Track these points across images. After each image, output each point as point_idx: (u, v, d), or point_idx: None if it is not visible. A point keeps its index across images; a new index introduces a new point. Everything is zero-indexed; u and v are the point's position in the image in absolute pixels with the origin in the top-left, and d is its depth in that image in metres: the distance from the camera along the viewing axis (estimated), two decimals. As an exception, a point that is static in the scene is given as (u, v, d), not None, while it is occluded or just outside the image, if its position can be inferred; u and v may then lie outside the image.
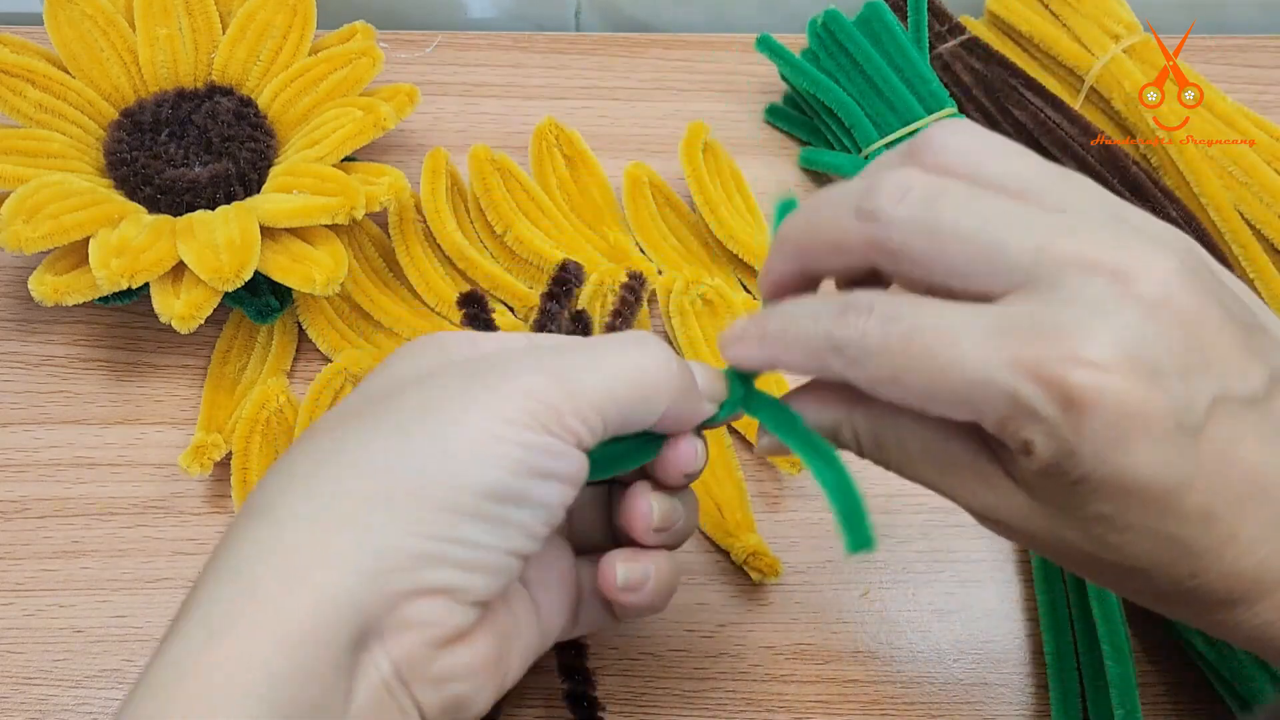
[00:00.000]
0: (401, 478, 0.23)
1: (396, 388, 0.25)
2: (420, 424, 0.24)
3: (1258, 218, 0.44)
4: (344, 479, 0.24)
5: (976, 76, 0.49)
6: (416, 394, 0.25)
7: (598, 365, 0.25)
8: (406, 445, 0.24)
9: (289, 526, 0.23)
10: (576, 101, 0.52)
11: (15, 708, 0.35)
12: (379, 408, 0.25)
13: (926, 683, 0.37)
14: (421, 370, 0.26)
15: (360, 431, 0.24)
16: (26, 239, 0.38)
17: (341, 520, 0.23)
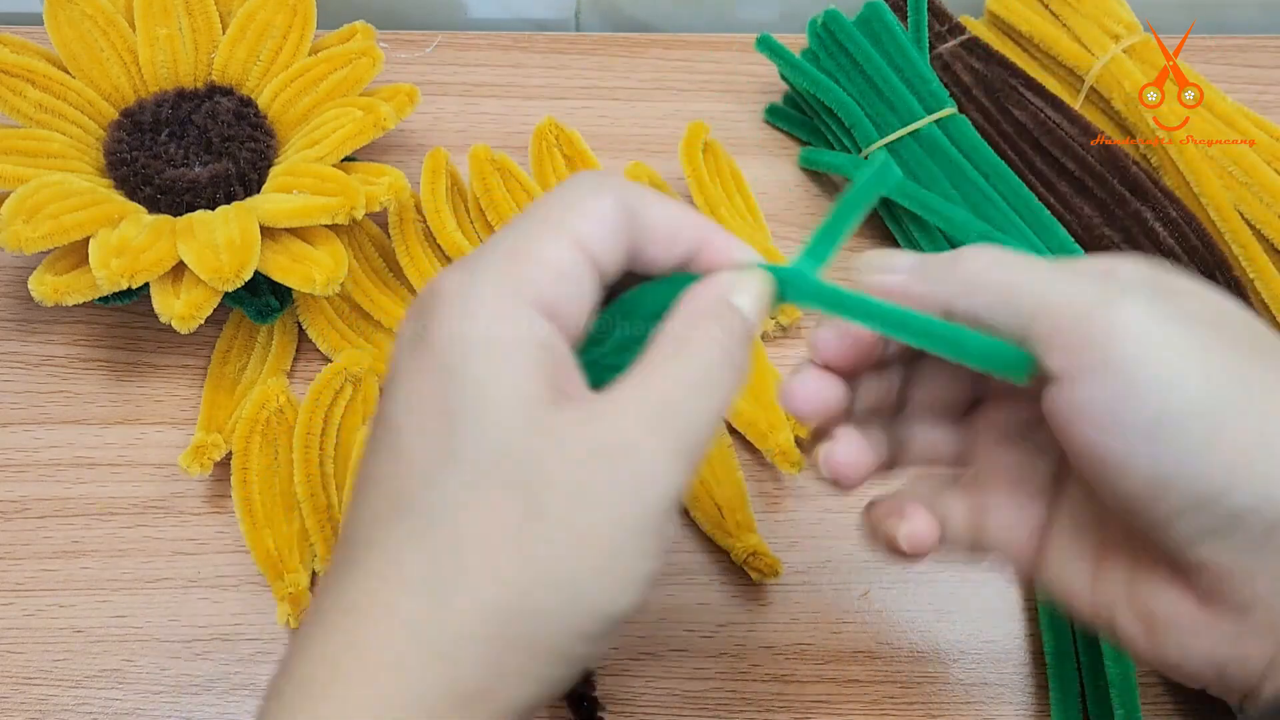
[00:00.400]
0: (557, 616, 0.22)
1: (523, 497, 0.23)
2: (574, 558, 0.22)
3: (1258, 218, 0.44)
4: (511, 625, 0.22)
5: (976, 76, 0.49)
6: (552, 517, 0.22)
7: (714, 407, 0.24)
8: (563, 583, 0.22)
9: (453, 661, 0.22)
10: (576, 101, 0.52)
11: (15, 708, 0.35)
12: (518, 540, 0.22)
13: (926, 683, 0.37)
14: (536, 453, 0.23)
15: (513, 573, 0.22)
16: (26, 239, 0.38)
17: (509, 668, 0.22)
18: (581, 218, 0.25)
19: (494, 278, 0.24)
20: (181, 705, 0.35)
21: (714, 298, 0.25)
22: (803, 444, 0.41)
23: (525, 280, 0.24)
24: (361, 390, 0.40)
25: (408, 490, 0.23)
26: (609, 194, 0.25)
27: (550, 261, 0.24)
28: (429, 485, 0.23)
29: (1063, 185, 0.46)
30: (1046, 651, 0.36)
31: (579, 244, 0.24)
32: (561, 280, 0.24)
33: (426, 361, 0.24)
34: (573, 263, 0.24)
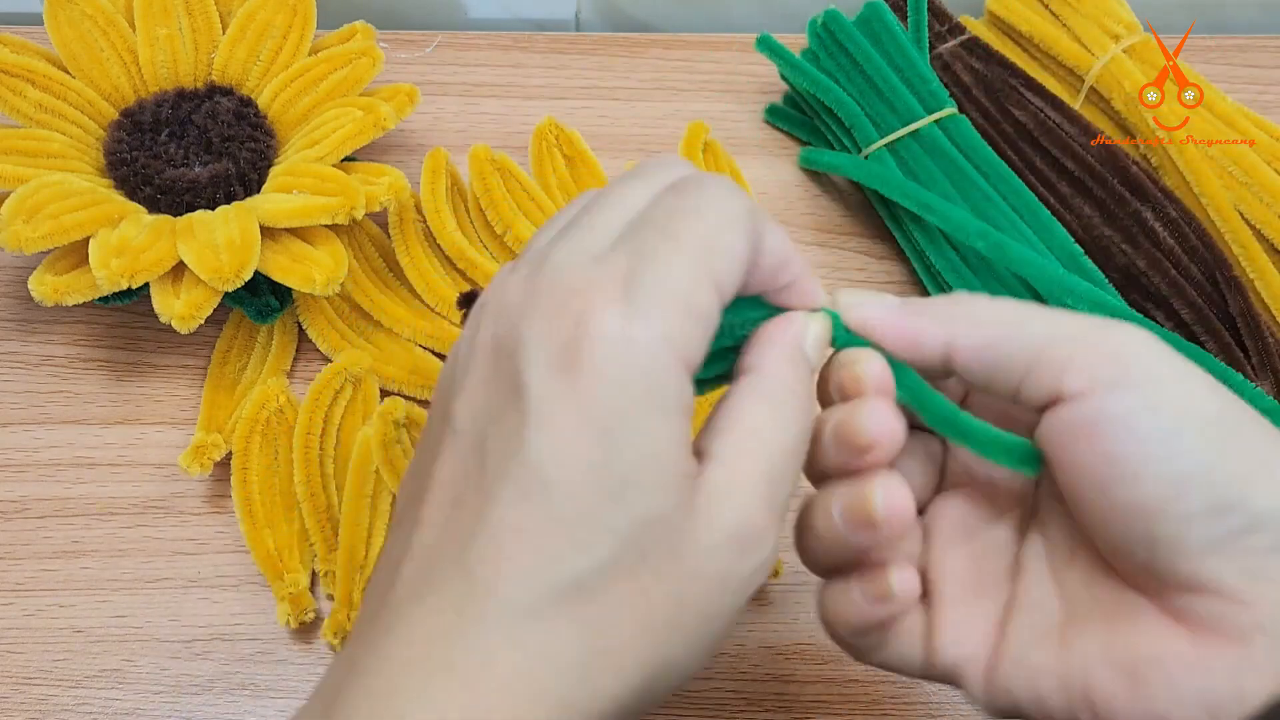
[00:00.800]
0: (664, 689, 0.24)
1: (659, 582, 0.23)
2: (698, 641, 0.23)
3: (1258, 218, 0.44)
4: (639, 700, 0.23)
5: (976, 76, 0.49)
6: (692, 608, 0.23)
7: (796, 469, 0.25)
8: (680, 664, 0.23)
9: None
10: (576, 101, 0.52)
11: (15, 708, 0.35)
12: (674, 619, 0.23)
13: (927, 683, 0.37)
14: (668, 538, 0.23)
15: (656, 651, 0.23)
16: (26, 239, 0.38)
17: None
18: (722, 258, 0.24)
19: (657, 326, 0.22)
20: (181, 705, 0.35)
21: (794, 345, 0.26)
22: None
23: (680, 333, 0.23)
24: (361, 390, 0.40)
25: (558, 554, 0.22)
26: (744, 227, 0.24)
27: (699, 310, 0.23)
28: (582, 550, 0.22)
29: (1063, 185, 0.46)
30: (1046, 651, 0.36)
31: (718, 288, 0.23)
32: (705, 327, 0.23)
33: (583, 410, 0.22)
34: (712, 309, 0.23)
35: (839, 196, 0.50)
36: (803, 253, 0.48)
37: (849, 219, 0.49)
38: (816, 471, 0.27)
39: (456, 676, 0.21)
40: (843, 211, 0.49)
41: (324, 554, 0.37)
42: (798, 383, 0.25)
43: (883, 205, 0.47)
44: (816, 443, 0.26)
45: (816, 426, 0.26)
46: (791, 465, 0.24)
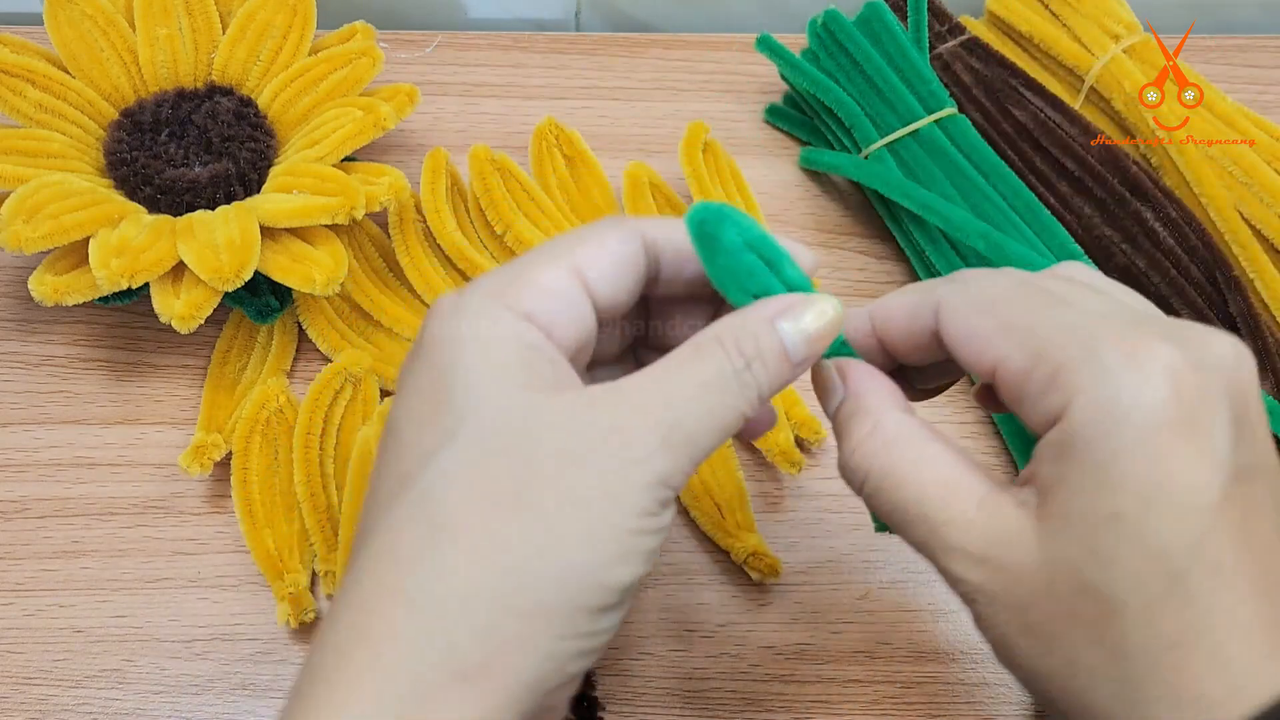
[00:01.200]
0: (556, 589, 0.23)
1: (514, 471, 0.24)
2: (565, 531, 0.23)
3: (1258, 218, 0.44)
4: (507, 593, 0.23)
5: (976, 76, 0.49)
6: (544, 488, 0.23)
7: (709, 416, 0.25)
8: (555, 553, 0.23)
9: (456, 640, 0.23)
10: (576, 101, 0.52)
11: (15, 708, 0.35)
12: (511, 508, 0.23)
13: (926, 683, 0.37)
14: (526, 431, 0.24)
15: (508, 540, 0.23)
16: (26, 239, 0.38)
17: (509, 637, 0.23)
18: (583, 248, 0.26)
19: (483, 292, 0.26)
20: (181, 705, 0.35)
21: (759, 317, 0.26)
22: (803, 444, 0.41)
23: (514, 296, 0.26)
24: (361, 390, 0.40)
25: (407, 473, 0.24)
26: (621, 230, 0.27)
27: (541, 283, 0.26)
28: (425, 464, 0.24)
29: (1063, 185, 0.46)
30: (1046, 651, 0.36)
31: (574, 271, 0.26)
32: (551, 298, 0.26)
33: (420, 362, 0.26)
34: (565, 286, 0.26)
35: (839, 196, 0.50)
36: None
37: (849, 219, 0.49)
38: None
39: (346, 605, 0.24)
40: (843, 211, 0.49)
41: (324, 554, 0.37)
42: (723, 353, 0.25)
43: (883, 205, 0.47)
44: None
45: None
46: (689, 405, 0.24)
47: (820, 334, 0.26)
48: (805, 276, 0.27)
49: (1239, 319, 0.41)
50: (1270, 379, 0.40)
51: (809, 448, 0.41)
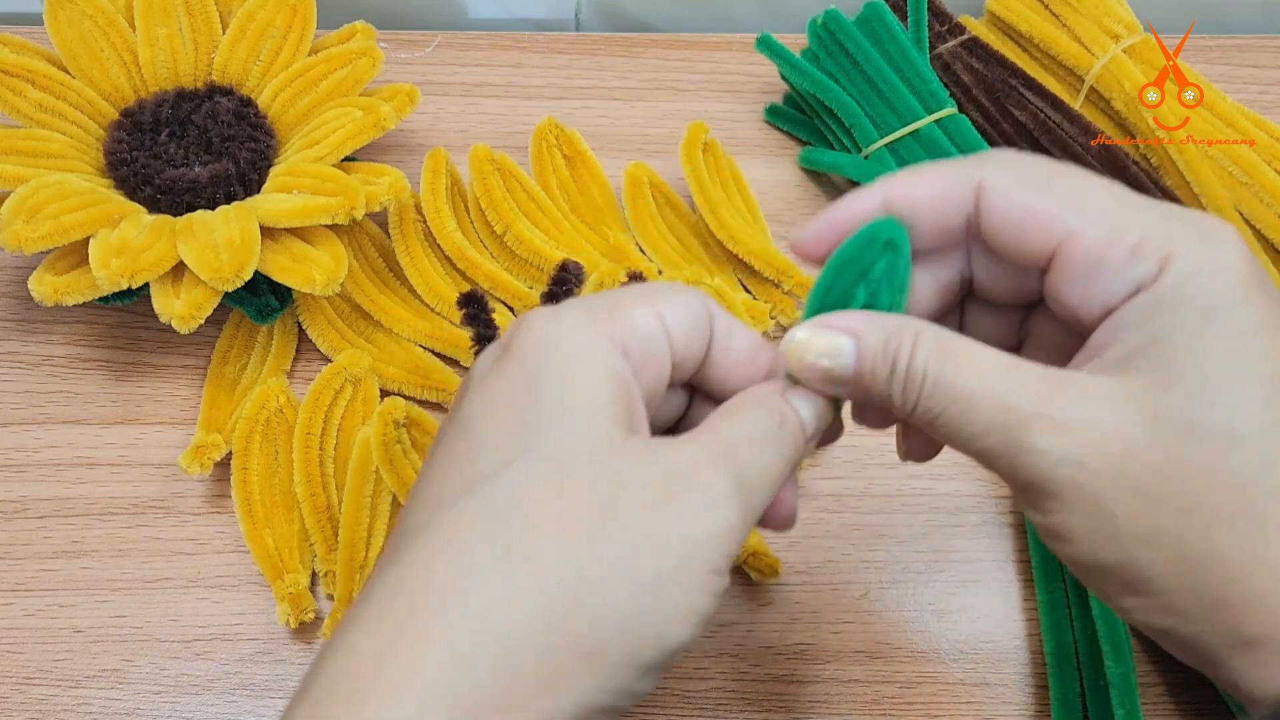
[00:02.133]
0: (615, 635, 0.22)
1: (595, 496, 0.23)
2: (637, 574, 0.22)
3: (1258, 218, 0.44)
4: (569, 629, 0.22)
5: (976, 76, 0.49)
6: (624, 519, 0.23)
7: (766, 468, 0.25)
8: (623, 598, 0.22)
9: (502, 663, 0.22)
10: (576, 101, 0.52)
11: (15, 708, 0.35)
12: (588, 537, 0.23)
13: (926, 683, 0.37)
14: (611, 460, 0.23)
15: (580, 571, 0.22)
16: (26, 239, 0.38)
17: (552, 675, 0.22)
18: (665, 301, 0.26)
19: (581, 318, 0.25)
20: (181, 705, 0.35)
21: (773, 393, 0.26)
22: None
23: (609, 328, 0.25)
24: (361, 390, 0.40)
25: (477, 473, 0.23)
26: (697, 298, 0.27)
27: (634, 322, 0.25)
28: (501, 471, 0.23)
29: (1063, 185, 0.46)
30: (1046, 651, 0.36)
31: (661, 319, 0.26)
32: (641, 340, 0.25)
33: (509, 368, 0.25)
34: (655, 330, 0.26)
35: (839, 196, 0.50)
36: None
37: (849, 219, 0.49)
38: None
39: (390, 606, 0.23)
40: (843, 211, 0.49)
41: (324, 554, 0.37)
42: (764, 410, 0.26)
43: (883, 205, 0.47)
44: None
45: None
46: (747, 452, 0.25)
47: (821, 425, 0.27)
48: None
49: (1239, 319, 0.41)
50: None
51: (809, 448, 0.41)
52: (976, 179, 0.26)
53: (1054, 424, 0.23)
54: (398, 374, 0.41)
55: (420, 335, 0.43)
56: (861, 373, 0.25)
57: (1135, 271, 0.24)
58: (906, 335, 0.25)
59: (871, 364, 0.25)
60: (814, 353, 0.26)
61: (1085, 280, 0.25)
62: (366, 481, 0.38)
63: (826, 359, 0.26)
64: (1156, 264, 0.24)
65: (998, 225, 0.26)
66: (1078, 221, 0.25)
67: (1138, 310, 0.24)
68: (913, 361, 0.25)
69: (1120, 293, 0.24)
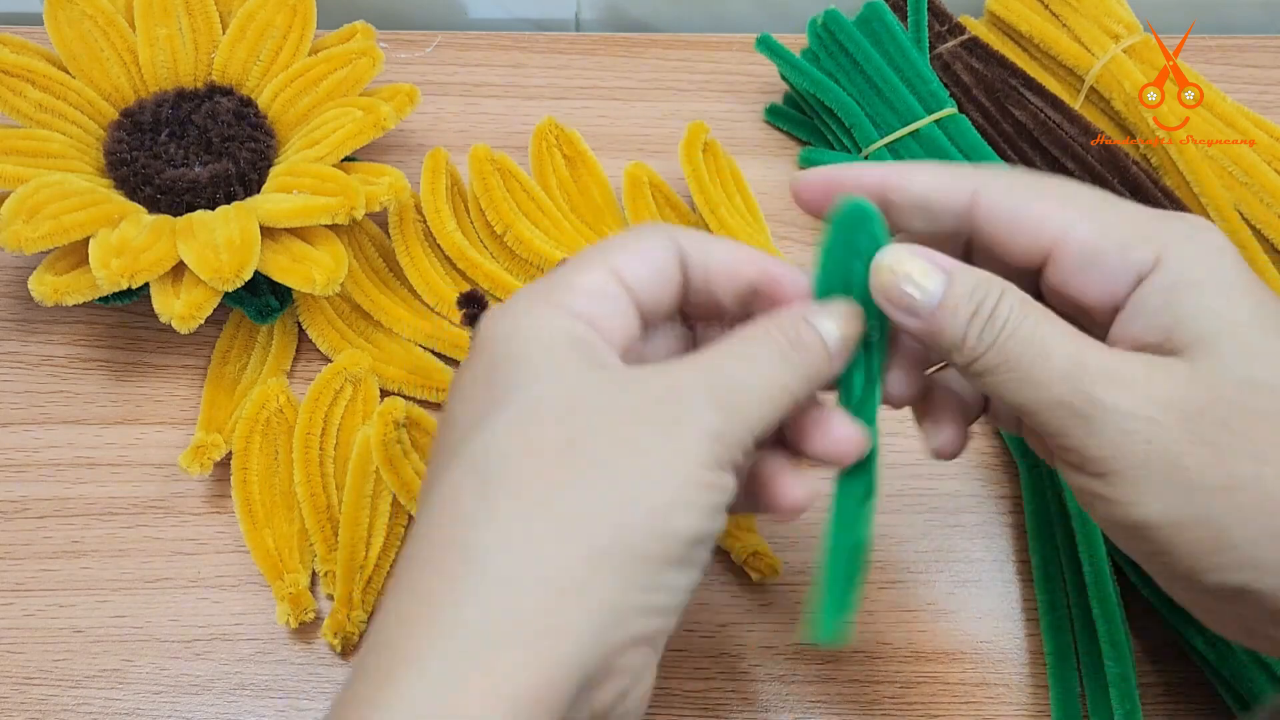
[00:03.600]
0: (614, 533, 0.23)
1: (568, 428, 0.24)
2: (620, 476, 0.23)
3: (1258, 218, 0.44)
4: (564, 539, 0.23)
5: (976, 76, 0.49)
6: (599, 439, 0.24)
7: (758, 384, 0.25)
8: (612, 498, 0.23)
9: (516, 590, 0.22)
10: (576, 101, 0.52)
11: (15, 708, 0.35)
12: (565, 457, 0.23)
13: (926, 683, 0.37)
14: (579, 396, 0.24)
15: (563, 486, 0.23)
16: (26, 239, 0.38)
17: (567, 585, 0.22)
18: (622, 254, 0.27)
19: (529, 300, 0.26)
20: (181, 705, 0.35)
21: (796, 315, 0.27)
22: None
23: (559, 298, 0.26)
24: (361, 390, 0.40)
25: (458, 439, 0.25)
26: (659, 237, 0.28)
27: (584, 285, 0.26)
28: (475, 429, 0.24)
29: (1063, 185, 0.46)
30: (1046, 651, 0.36)
31: (615, 274, 0.27)
32: (594, 298, 0.26)
33: (473, 358, 0.26)
34: (606, 286, 0.27)
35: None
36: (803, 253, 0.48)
37: (849, 219, 0.49)
38: None
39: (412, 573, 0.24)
40: (843, 211, 0.49)
41: (324, 554, 0.37)
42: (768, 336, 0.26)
43: (883, 205, 0.47)
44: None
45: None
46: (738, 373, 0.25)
47: (849, 337, 0.27)
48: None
49: (1239, 319, 0.41)
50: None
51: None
52: (972, 183, 0.27)
53: (1123, 381, 0.25)
54: (398, 374, 0.41)
55: (420, 335, 0.43)
56: (945, 308, 0.26)
57: (1132, 261, 0.26)
58: (995, 284, 0.26)
59: (956, 302, 0.26)
60: (904, 279, 0.26)
61: (1084, 272, 0.26)
62: (366, 481, 0.38)
63: (915, 289, 0.26)
64: (1152, 253, 0.26)
65: (993, 226, 0.27)
66: (1069, 219, 0.26)
67: (1154, 296, 0.25)
68: (999, 307, 0.25)
69: (1122, 281, 0.26)
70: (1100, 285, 0.26)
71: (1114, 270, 0.26)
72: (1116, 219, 0.26)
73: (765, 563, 0.38)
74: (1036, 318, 0.25)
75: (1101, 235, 0.26)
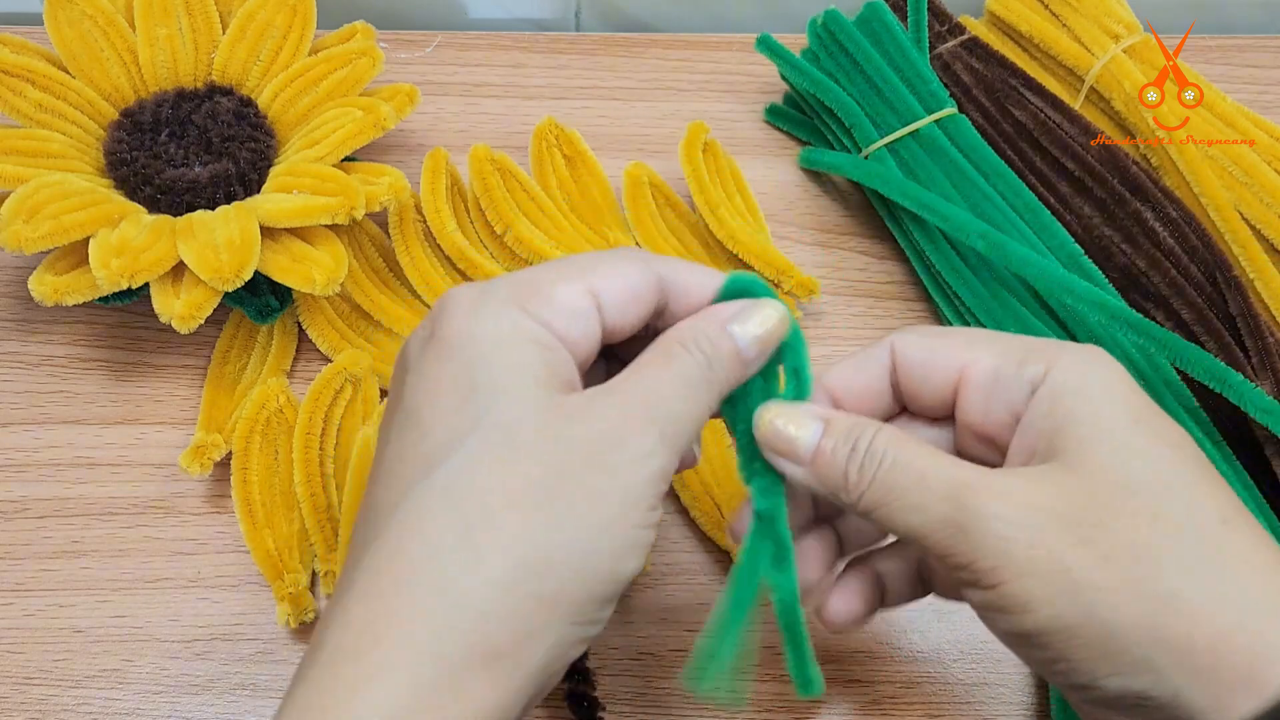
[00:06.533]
0: (575, 579, 0.25)
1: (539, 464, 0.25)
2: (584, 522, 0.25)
3: (1258, 218, 0.44)
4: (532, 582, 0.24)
5: (976, 76, 0.49)
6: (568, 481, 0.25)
7: (694, 414, 0.27)
8: (576, 548, 0.25)
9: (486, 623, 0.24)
10: (576, 101, 0.52)
11: (15, 708, 0.35)
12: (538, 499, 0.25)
13: (926, 683, 0.37)
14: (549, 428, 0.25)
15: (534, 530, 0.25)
16: (26, 239, 0.38)
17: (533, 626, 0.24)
18: (599, 273, 0.28)
19: (504, 295, 0.27)
20: (181, 705, 0.35)
21: (712, 322, 0.28)
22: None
23: (534, 306, 0.27)
24: (361, 390, 0.40)
25: (430, 454, 0.25)
26: (636, 261, 0.28)
27: (562, 300, 0.27)
28: (453, 450, 0.25)
29: (1063, 185, 0.46)
30: (1046, 651, 0.36)
31: (591, 293, 0.27)
32: (568, 315, 0.27)
33: (441, 353, 0.26)
34: (582, 306, 0.27)
35: (839, 196, 0.50)
36: (803, 253, 0.48)
37: (849, 219, 0.49)
38: None
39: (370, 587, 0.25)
40: (843, 211, 0.49)
41: (324, 554, 0.37)
42: (690, 356, 0.27)
43: (883, 205, 0.47)
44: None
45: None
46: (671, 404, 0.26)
47: (768, 336, 0.28)
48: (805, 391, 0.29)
49: (1239, 319, 0.41)
50: (1270, 379, 0.40)
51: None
52: (888, 345, 0.30)
53: (1001, 491, 0.26)
54: (402, 359, 0.41)
55: (420, 335, 0.43)
56: (823, 451, 0.28)
57: (1027, 374, 0.27)
58: (869, 424, 0.28)
59: (834, 443, 0.28)
60: (783, 429, 0.28)
61: (988, 396, 0.28)
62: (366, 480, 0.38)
63: (793, 437, 0.28)
64: (1044, 366, 0.27)
65: (908, 376, 0.30)
66: (973, 352, 0.29)
67: (1041, 404, 0.27)
68: (874, 442, 0.27)
69: (1019, 396, 0.28)
70: (1003, 405, 0.28)
71: (1012, 387, 0.28)
72: (1014, 344, 0.28)
73: (765, 563, 0.37)
74: (912, 447, 0.27)
75: (1001, 357, 0.28)
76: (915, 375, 0.30)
